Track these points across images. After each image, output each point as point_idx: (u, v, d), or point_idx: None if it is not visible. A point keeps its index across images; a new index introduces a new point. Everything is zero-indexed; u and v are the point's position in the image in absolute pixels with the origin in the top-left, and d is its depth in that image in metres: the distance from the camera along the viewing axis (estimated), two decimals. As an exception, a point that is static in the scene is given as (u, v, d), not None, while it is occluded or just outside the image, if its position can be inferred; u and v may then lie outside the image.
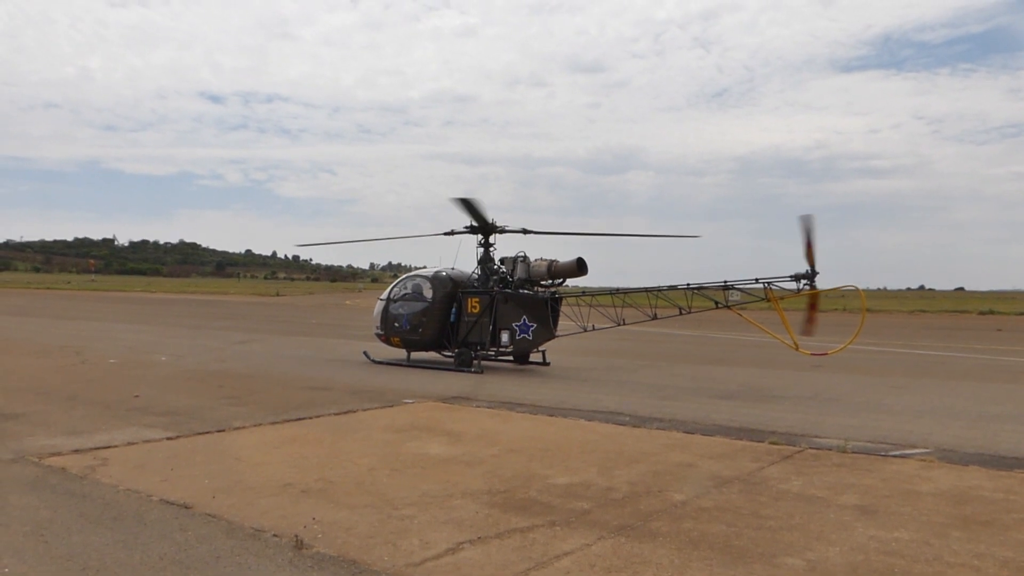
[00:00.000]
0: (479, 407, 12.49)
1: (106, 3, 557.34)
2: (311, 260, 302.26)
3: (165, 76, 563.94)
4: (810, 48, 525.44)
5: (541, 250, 19.25)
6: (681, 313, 16.62)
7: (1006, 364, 21.97)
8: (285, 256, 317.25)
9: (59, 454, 8.50)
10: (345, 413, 11.63)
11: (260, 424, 10.58)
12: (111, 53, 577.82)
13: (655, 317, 16.78)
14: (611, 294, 17.59)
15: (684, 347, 26.81)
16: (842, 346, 15.50)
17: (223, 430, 10.10)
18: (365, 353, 20.52)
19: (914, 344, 29.53)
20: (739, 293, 16.48)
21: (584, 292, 18.58)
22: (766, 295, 15.29)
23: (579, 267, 17.99)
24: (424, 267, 20.80)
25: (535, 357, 19.54)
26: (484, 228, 18.84)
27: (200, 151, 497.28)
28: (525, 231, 18.86)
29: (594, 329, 17.59)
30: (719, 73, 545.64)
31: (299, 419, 11.02)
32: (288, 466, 8.06)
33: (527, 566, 5.22)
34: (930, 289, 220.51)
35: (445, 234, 19.34)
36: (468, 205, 18.10)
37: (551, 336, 18.00)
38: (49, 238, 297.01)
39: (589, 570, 5.19)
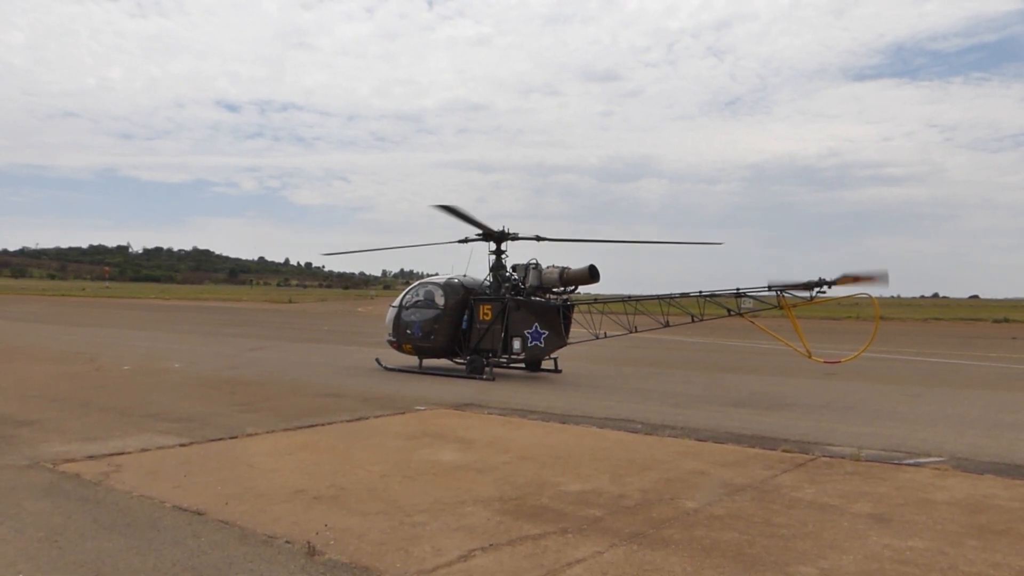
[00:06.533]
0: (491, 414, 12.49)
1: (126, 14, 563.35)
2: (323, 267, 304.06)
3: (183, 85, 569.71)
4: (822, 57, 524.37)
5: (553, 257, 19.28)
6: (693, 321, 16.58)
7: (1021, 372, 21.77)
8: (298, 263, 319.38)
9: (73, 460, 8.56)
10: (357, 420, 11.66)
11: (272, 431, 10.61)
12: (130, 63, 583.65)
13: (667, 325, 16.75)
14: (623, 301, 17.55)
15: (696, 355, 26.72)
16: (855, 354, 15.41)
17: (236, 437, 10.14)
18: (377, 360, 20.56)
19: (928, 352, 29.32)
20: (752, 301, 16.43)
21: (596, 299, 18.55)
22: (779, 303, 15.24)
23: (591, 274, 17.98)
24: (436, 274, 20.86)
25: (547, 364, 19.54)
26: (496, 235, 18.87)
27: (215, 159, 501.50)
28: (539, 238, 18.86)
29: (606, 336, 17.58)
30: (732, 82, 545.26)
31: (311, 426, 11.05)
32: (300, 473, 8.08)
33: (539, 573, 5.21)
34: (944, 297, 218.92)
35: (460, 241, 19.38)
36: (454, 212, 18.19)
37: (563, 343, 17.98)
38: (64, 245, 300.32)
39: (601, 578, 5.17)
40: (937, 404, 14.44)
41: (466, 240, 19.30)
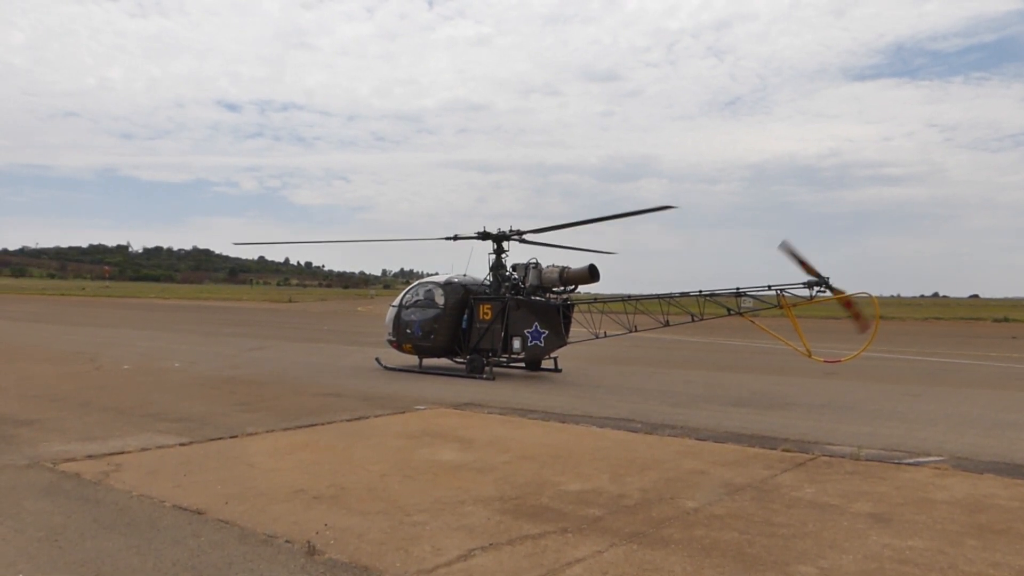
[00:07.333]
0: (491, 414, 12.49)
1: (126, 14, 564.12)
2: (323, 267, 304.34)
3: (183, 85, 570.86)
4: (822, 57, 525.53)
5: (553, 257, 19.25)
6: (693, 320, 16.57)
7: (1021, 372, 21.77)
8: (298, 263, 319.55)
9: (73, 460, 8.56)
10: (357, 419, 11.66)
11: (272, 430, 10.61)
12: (131, 63, 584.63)
13: (667, 324, 16.74)
14: (623, 301, 17.55)
15: (696, 354, 26.72)
16: (855, 353, 15.41)
17: (236, 436, 10.14)
18: (377, 360, 20.56)
19: (928, 351, 29.32)
20: (752, 300, 16.42)
21: (596, 299, 18.53)
22: (779, 302, 15.24)
23: (591, 274, 17.97)
24: (436, 274, 20.84)
25: (547, 364, 19.53)
26: (496, 235, 18.88)
27: (216, 159, 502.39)
28: (537, 231, 18.82)
29: (606, 336, 17.57)
30: (732, 82, 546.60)
31: (311, 425, 11.05)
32: (300, 472, 8.08)
33: (539, 573, 5.21)
34: (944, 296, 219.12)
35: (450, 238, 19.35)
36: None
37: (563, 343, 17.98)
38: (64, 245, 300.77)
39: (601, 577, 5.17)
40: (937, 404, 14.44)
41: (456, 238, 19.33)
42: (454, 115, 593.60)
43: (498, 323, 18.00)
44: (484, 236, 18.99)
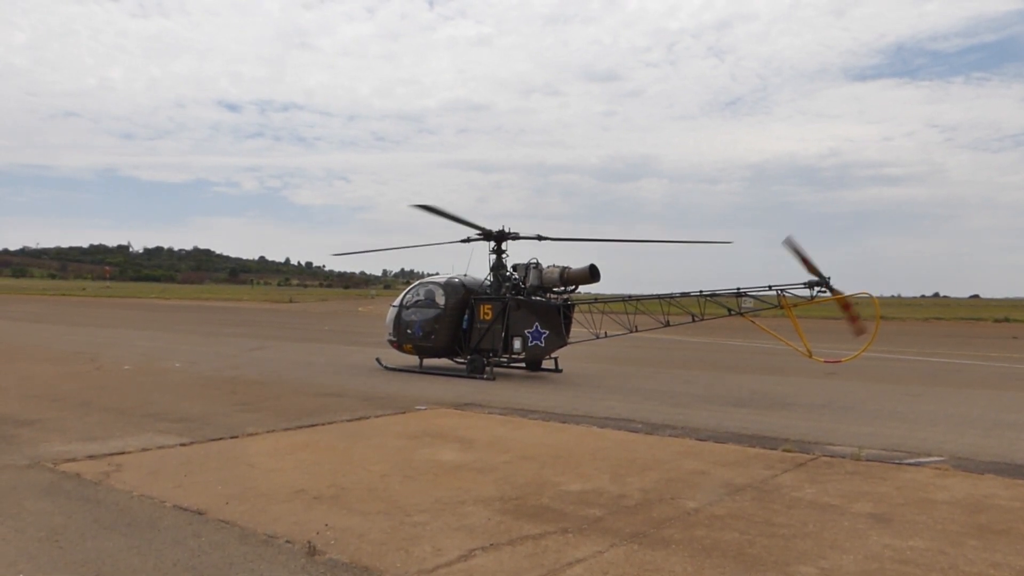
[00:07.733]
0: (491, 414, 12.49)
1: (127, 14, 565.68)
2: (324, 267, 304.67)
3: (184, 85, 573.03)
4: (823, 57, 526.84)
5: (554, 257, 19.25)
6: (694, 320, 16.57)
7: (1022, 372, 21.76)
8: (299, 263, 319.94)
9: (74, 460, 8.56)
10: (358, 420, 11.66)
11: (273, 430, 10.61)
12: (131, 63, 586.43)
13: (668, 324, 16.74)
14: (624, 301, 17.54)
15: (697, 354, 26.71)
16: (856, 353, 15.40)
17: (236, 436, 10.14)
18: (378, 360, 20.56)
19: (929, 352, 29.31)
20: (752, 300, 16.42)
21: (596, 299, 18.52)
22: (779, 302, 15.23)
23: (591, 274, 17.97)
24: (437, 274, 20.84)
25: (547, 364, 19.53)
26: (497, 235, 18.87)
27: (216, 159, 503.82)
28: (540, 237, 18.83)
29: (606, 336, 17.57)
30: (732, 82, 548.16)
31: (312, 426, 11.05)
32: (301, 472, 8.09)
33: (539, 573, 5.21)
34: (945, 296, 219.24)
35: (462, 241, 19.34)
36: (435, 211, 18.22)
37: (563, 343, 17.98)
38: (65, 245, 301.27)
39: (601, 578, 5.17)
40: (937, 404, 14.44)
41: (468, 240, 19.29)
42: (455, 115, 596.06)
43: (499, 323, 17.99)
44: (487, 236, 18.96)
